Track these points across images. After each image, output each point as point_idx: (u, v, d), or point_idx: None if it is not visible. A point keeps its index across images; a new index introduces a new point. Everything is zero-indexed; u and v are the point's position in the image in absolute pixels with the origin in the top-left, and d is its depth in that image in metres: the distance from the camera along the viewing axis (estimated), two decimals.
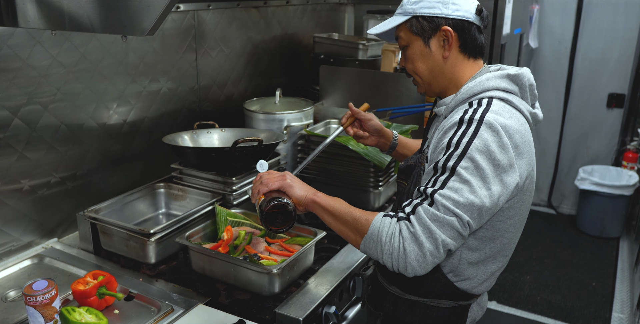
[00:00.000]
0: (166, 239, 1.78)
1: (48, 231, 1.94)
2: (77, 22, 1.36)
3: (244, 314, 1.56)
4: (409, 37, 1.47)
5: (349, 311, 1.82)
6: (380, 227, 1.33)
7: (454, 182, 1.28)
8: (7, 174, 1.76)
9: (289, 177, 1.54)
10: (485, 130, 1.28)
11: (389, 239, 1.30)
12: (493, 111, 1.32)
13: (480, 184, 1.27)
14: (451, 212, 1.26)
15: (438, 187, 1.29)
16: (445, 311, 1.52)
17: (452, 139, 1.30)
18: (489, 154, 1.27)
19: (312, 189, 1.52)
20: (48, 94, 1.84)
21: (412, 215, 1.30)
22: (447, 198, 1.27)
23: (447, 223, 1.26)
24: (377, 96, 2.66)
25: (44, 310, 1.34)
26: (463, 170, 1.27)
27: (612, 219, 4.51)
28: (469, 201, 1.26)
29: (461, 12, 1.41)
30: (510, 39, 3.40)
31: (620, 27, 4.46)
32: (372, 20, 3.52)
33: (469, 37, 1.44)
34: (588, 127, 4.77)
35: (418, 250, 1.27)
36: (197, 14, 2.38)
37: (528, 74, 1.43)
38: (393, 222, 1.32)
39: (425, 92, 1.54)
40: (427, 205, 1.29)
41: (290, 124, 2.33)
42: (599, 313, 3.59)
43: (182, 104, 2.41)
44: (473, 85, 1.39)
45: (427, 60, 1.46)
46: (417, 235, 1.27)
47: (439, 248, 1.27)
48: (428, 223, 1.27)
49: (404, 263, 1.29)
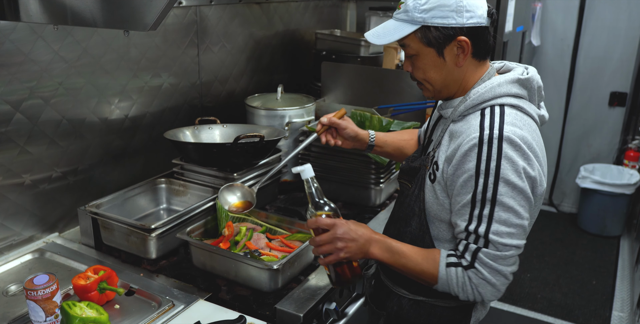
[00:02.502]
0: (167, 235, 1.78)
1: (49, 226, 1.94)
2: (79, 17, 1.36)
3: (245, 310, 1.56)
4: (420, 47, 1.38)
5: (350, 308, 1.82)
6: (448, 280, 1.36)
7: (498, 213, 1.29)
8: (8, 169, 1.76)
9: (360, 241, 1.43)
10: (508, 147, 1.27)
11: (462, 289, 1.36)
12: (509, 122, 1.30)
13: (523, 202, 1.29)
14: (509, 246, 1.30)
15: (487, 225, 1.30)
16: (450, 311, 1.52)
17: (479, 165, 1.28)
18: (520, 172, 1.27)
19: (368, 244, 1.44)
20: (50, 88, 1.84)
21: (476, 262, 1.33)
22: (500, 235, 1.29)
23: (509, 257, 1.32)
24: (379, 93, 2.66)
25: (44, 304, 1.35)
26: (504, 197, 1.28)
27: (613, 217, 4.51)
28: (519, 227, 1.30)
29: (475, 19, 1.33)
30: (512, 36, 3.39)
31: (623, 26, 4.45)
32: (374, 16, 3.51)
33: (483, 42, 1.38)
34: (590, 126, 4.77)
35: (491, 288, 1.34)
36: (199, 9, 2.38)
37: (536, 76, 1.40)
38: (460, 273, 1.35)
39: (433, 97, 1.48)
40: (484, 248, 1.31)
41: (292, 121, 2.33)
42: (599, 311, 3.59)
43: (184, 100, 2.41)
44: (484, 91, 1.36)
45: (440, 70, 1.40)
46: (487, 279, 1.32)
47: (508, 277, 1.34)
48: (493, 265, 1.31)
49: (481, 299, 1.37)
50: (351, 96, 2.75)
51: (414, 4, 1.34)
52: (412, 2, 1.35)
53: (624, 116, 4.64)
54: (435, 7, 1.32)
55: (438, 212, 1.42)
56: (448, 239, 1.45)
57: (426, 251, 1.42)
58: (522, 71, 1.40)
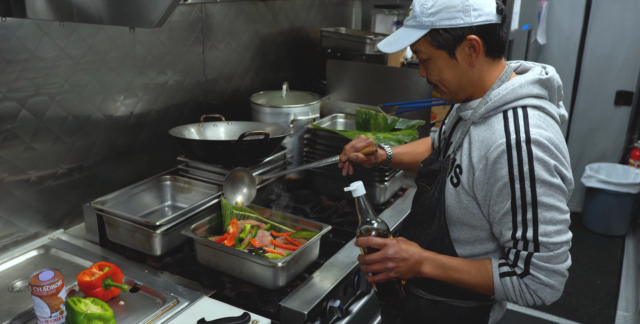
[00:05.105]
0: (172, 232, 1.79)
1: (54, 222, 1.95)
2: (85, 14, 1.35)
3: (249, 307, 1.56)
4: (431, 51, 1.37)
5: (354, 306, 1.82)
6: (505, 290, 1.36)
7: (542, 214, 1.28)
8: (14, 165, 1.77)
9: (410, 261, 1.43)
10: (537, 149, 1.26)
11: (521, 296, 1.35)
12: (533, 124, 1.29)
13: (561, 197, 1.30)
14: (559, 244, 1.30)
15: (533, 229, 1.29)
16: (468, 311, 1.52)
17: (512, 171, 1.27)
18: (552, 170, 1.27)
19: (419, 264, 1.43)
20: (55, 85, 1.84)
21: (531, 268, 1.31)
22: (549, 235, 1.28)
23: (562, 253, 1.31)
24: (384, 91, 2.65)
25: (50, 300, 1.35)
26: (543, 197, 1.27)
27: (618, 217, 4.50)
28: (564, 222, 1.30)
29: (484, 17, 1.31)
30: (518, 35, 3.39)
31: (629, 24, 4.43)
32: (380, 14, 3.51)
33: (494, 39, 1.35)
34: (595, 125, 4.75)
35: (551, 290, 1.33)
36: (204, 6, 2.38)
37: (556, 75, 1.39)
38: (515, 282, 1.34)
39: (451, 100, 1.46)
40: (536, 252, 1.30)
41: (297, 118, 2.33)
42: (603, 311, 3.58)
43: (189, 97, 2.41)
44: (505, 92, 1.34)
45: (454, 72, 1.38)
46: (545, 282, 1.32)
47: (565, 274, 1.34)
48: (549, 267, 1.31)
49: (542, 303, 1.36)
50: (356, 94, 2.74)
51: (421, 9, 1.34)
52: (419, 7, 1.34)
53: (630, 115, 4.63)
54: (442, 9, 1.31)
55: (460, 216, 1.41)
56: (470, 241, 1.44)
57: (477, 263, 1.40)
58: (541, 71, 1.39)
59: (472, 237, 1.43)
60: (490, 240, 1.43)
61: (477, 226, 1.41)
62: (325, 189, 2.34)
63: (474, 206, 1.38)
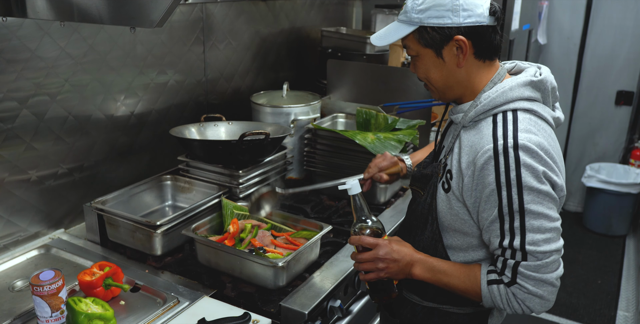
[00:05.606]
0: (172, 231, 1.79)
1: (55, 222, 1.95)
2: (85, 14, 1.36)
3: (250, 307, 1.57)
4: (419, 48, 1.35)
5: (354, 305, 1.82)
6: (492, 298, 1.33)
7: (530, 222, 1.24)
8: (15, 165, 1.77)
9: (401, 262, 1.42)
10: (524, 155, 1.23)
11: (508, 305, 1.31)
12: (523, 129, 1.26)
13: (551, 204, 1.26)
14: (548, 252, 1.26)
15: (521, 237, 1.25)
16: (465, 318, 1.49)
17: (499, 177, 1.24)
18: (540, 176, 1.23)
19: (410, 265, 1.42)
20: (56, 85, 1.84)
21: (518, 277, 1.28)
22: (537, 244, 1.25)
23: (551, 263, 1.27)
24: (385, 91, 2.65)
25: (50, 300, 1.35)
26: (530, 204, 1.23)
27: (618, 217, 4.49)
28: (554, 231, 1.26)
29: (473, 18, 1.28)
30: (518, 35, 3.39)
31: (630, 24, 4.42)
32: (380, 14, 3.51)
33: (485, 42, 1.32)
34: (596, 125, 4.75)
35: (539, 300, 1.29)
36: (205, 6, 2.38)
37: (550, 76, 1.35)
38: (502, 291, 1.31)
39: (440, 98, 1.44)
40: (524, 261, 1.26)
41: (297, 118, 2.33)
42: (604, 311, 3.58)
43: (190, 97, 2.41)
44: (495, 95, 1.31)
45: (440, 71, 1.36)
46: (533, 292, 1.28)
47: (555, 284, 1.29)
48: (537, 276, 1.27)
49: (530, 313, 1.32)
50: (357, 94, 2.74)
51: (412, 5, 1.33)
52: (411, 3, 1.34)
53: (631, 114, 4.62)
54: (431, 7, 1.29)
55: (452, 222, 1.39)
56: (462, 248, 1.42)
57: (467, 268, 1.38)
58: (535, 72, 1.35)
59: (465, 244, 1.40)
60: (483, 247, 1.40)
61: (468, 233, 1.38)
62: (326, 189, 2.33)
63: (465, 212, 1.35)
